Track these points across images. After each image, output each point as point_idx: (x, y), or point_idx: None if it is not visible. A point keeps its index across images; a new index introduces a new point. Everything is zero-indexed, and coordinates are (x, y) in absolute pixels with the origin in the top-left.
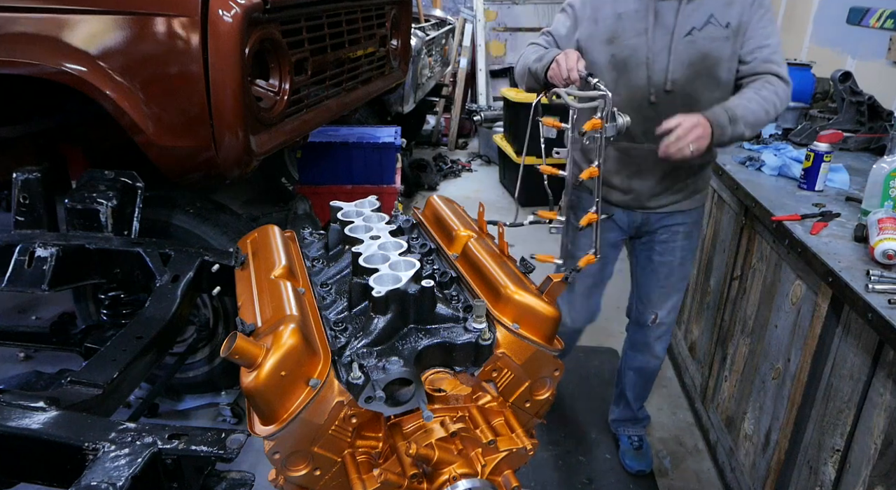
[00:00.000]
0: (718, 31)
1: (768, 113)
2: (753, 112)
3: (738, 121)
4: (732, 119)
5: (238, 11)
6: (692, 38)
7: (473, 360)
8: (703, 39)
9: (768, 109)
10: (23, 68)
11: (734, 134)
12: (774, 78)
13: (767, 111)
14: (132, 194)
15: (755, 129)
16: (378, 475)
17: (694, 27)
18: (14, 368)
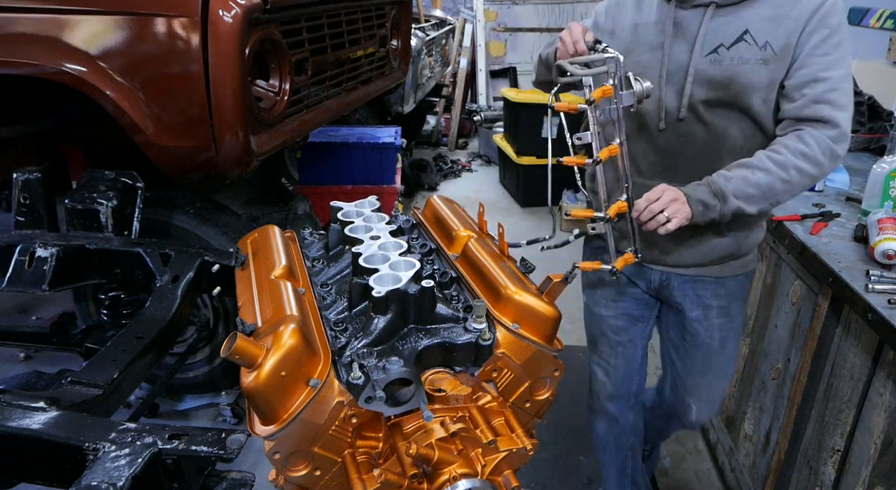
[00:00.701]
0: (752, 51)
1: (789, 183)
2: (756, 185)
3: (726, 197)
4: (718, 194)
5: (238, 12)
6: (717, 57)
7: (473, 360)
8: (731, 59)
9: (788, 178)
10: (23, 68)
11: (724, 212)
12: (820, 128)
13: (788, 180)
14: (132, 194)
15: (765, 204)
16: (378, 475)
17: (721, 44)
18: (14, 368)
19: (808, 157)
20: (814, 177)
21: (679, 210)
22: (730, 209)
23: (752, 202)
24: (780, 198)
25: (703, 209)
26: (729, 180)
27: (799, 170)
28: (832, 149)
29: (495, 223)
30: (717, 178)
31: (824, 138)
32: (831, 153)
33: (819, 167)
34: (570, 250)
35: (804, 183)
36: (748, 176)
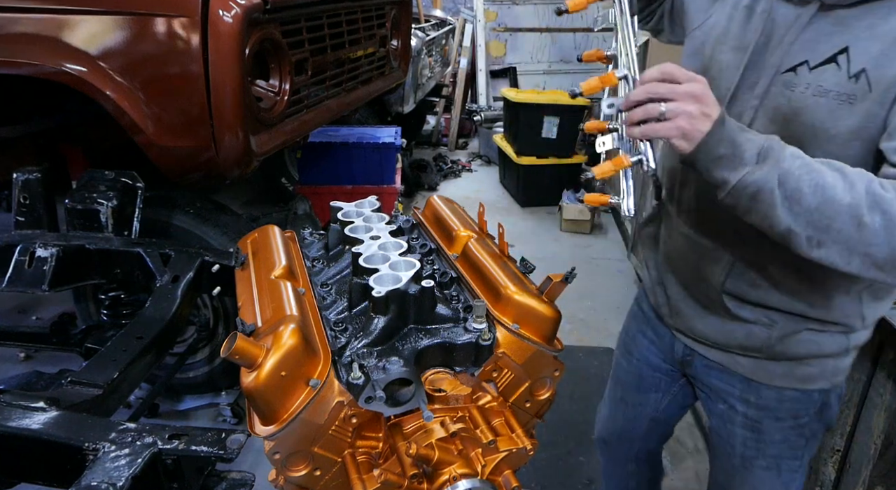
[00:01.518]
0: (837, 79)
1: (856, 222)
2: (819, 187)
3: (766, 162)
4: (762, 152)
5: (238, 12)
6: (793, 79)
7: (473, 360)
8: (807, 86)
9: (860, 215)
10: (23, 68)
11: (741, 182)
12: None
13: (857, 217)
14: (132, 194)
15: (802, 224)
16: (378, 475)
17: (806, 61)
18: (14, 368)
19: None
20: (892, 246)
21: (685, 115)
22: (752, 184)
23: (790, 203)
24: (827, 237)
25: (718, 150)
26: (793, 158)
27: (886, 219)
28: None
29: (495, 223)
30: (778, 142)
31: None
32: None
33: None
34: (571, 250)
35: (874, 245)
36: (819, 169)
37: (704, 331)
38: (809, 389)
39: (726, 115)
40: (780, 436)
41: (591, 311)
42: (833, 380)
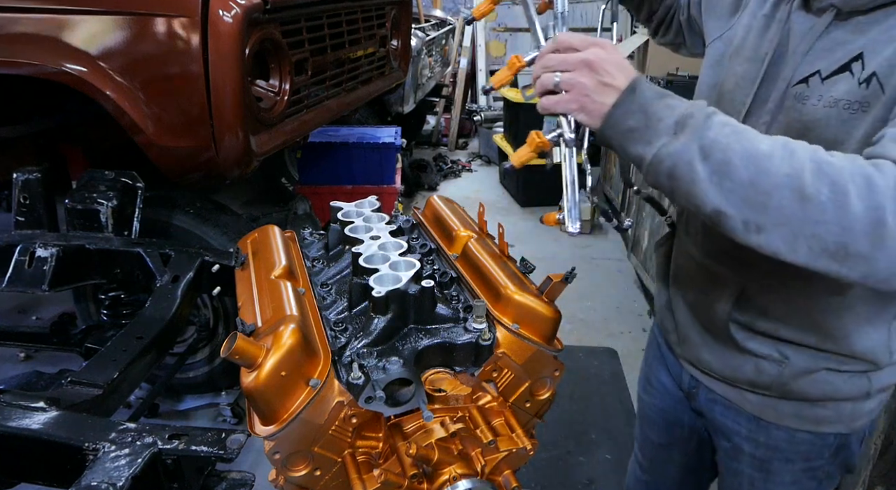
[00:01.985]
0: (850, 87)
1: (801, 192)
2: (749, 155)
3: (684, 132)
4: (680, 120)
5: (238, 12)
6: (804, 91)
7: (473, 360)
8: (819, 97)
9: (802, 187)
10: (23, 68)
11: (655, 157)
12: (885, 166)
13: (798, 188)
14: (132, 194)
15: (744, 199)
16: (378, 475)
17: (818, 71)
18: (14, 368)
19: (867, 184)
20: (843, 225)
21: (579, 86)
22: (667, 158)
23: (719, 178)
24: (766, 218)
25: (628, 122)
26: (722, 125)
27: (834, 190)
28: (883, 194)
29: (495, 223)
30: (705, 108)
31: (879, 176)
32: (876, 199)
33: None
34: (571, 250)
35: (821, 223)
36: (754, 137)
37: (711, 362)
38: (823, 432)
39: (641, 82)
40: (791, 478)
41: (591, 311)
42: (851, 424)
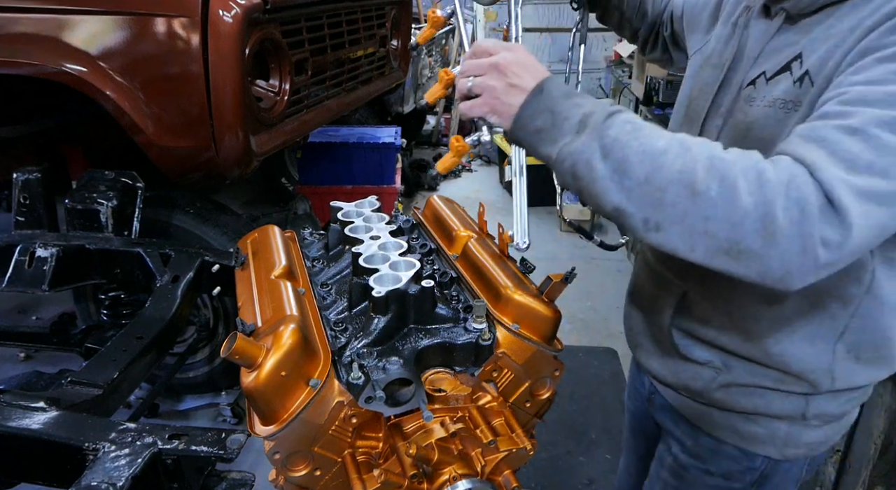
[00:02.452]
0: (786, 87)
1: (692, 187)
2: (646, 152)
3: (585, 130)
4: (584, 119)
5: (238, 12)
6: (752, 93)
7: (473, 360)
8: (763, 98)
9: (693, 182)
10: (23, 68)
11: (561, 153)
12: (781, 161)
13: (692, 185)
14: (132, 194)
15: (642, 196)
16: (378, 475)
17: (763, 72)
18: (14, 368)
19: (758, 179)
20: (733, 221)
21: (489, 89)
22: (568, 157)
23: (619, 176)
24: (663, 215)
25: (535, 122)
26: (623, 123)
27: (724, 186)
28: (771, 190)
29: (495, 223)
30: (608, 106)
31: (773, 171)
32: (790, 220)
33: (753, 215)
34: (571, 250)
35: (712, 220)
36: (652, 134)
37: (658, 368)
38: (752, 452)
39: (550, 83)
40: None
41: (591, 311)
42: (784, 450)
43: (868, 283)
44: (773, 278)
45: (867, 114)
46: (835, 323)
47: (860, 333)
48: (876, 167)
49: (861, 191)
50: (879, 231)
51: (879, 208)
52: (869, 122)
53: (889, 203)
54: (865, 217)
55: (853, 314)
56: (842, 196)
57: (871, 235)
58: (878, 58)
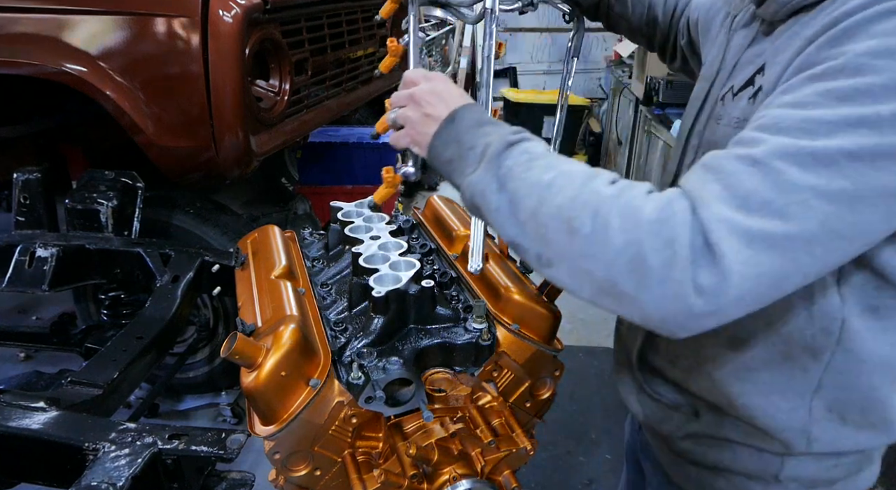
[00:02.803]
0: (745, 103)
1: (569, 224)
2: (538, 187)
3: (483, 160)
4: (485, 154)
5: (238, 12)
6: (720, 111)
7: (473, 360)
8: (728, 115)
9: (570, 219)
10: (23, 68)
11: (467, 181)
12: (661, 196)
13: (569, 221)
14: (132, 194)
15: (533, 230)
16: (378, 475)
17: (731, 87)
18: (14, 368)
19: (632, 216)
20: (606, 261)
21: (409, 121)
22: (467, 188)
23: (513, 208)
24: (550, 250)
25: (446, 152)
26: (521, 153)
27: (597, 222)
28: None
29: None
30: (510, 135)
31: (676, 232)
32: (661, 263)
33: (624, 255)
34: None
35: (589, 258)
36: (546, 164)
37: (635, 406)
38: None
39: (462, 112)
40: None
41: (592, 311)
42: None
43: (838, 334)
44: (654, 324)
45: (775, 143)
46: (807, 376)
47: (840, 391)
48: (772, 207)
49: (749, 233)
50: (775, 280)
51: (772, 253)
52: (773, 153)
53: (785, 248)
54: (752, 264)
55: (826, 369)
56: (720, 238)
57: (764, 284)
58: (808, 76)
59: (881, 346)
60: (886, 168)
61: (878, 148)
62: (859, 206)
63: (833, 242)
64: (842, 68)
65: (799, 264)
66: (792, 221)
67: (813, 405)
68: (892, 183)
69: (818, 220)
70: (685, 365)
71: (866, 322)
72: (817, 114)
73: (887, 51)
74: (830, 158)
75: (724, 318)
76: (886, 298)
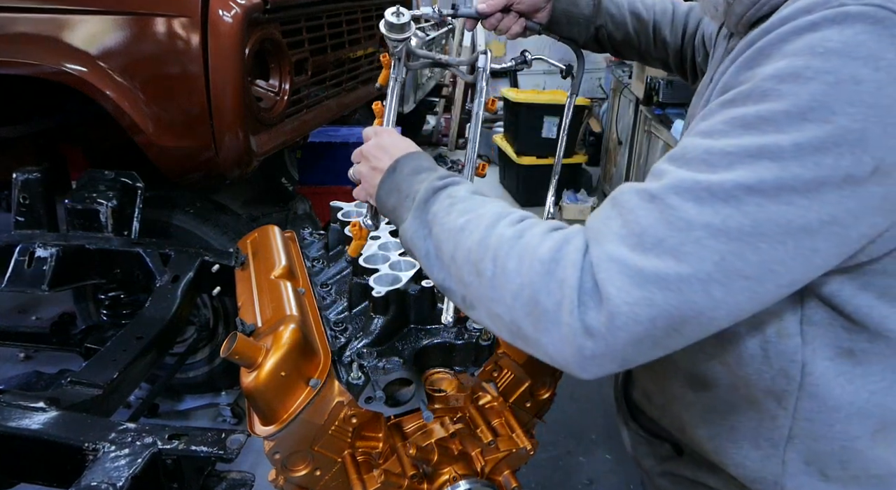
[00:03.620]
0: None
1: (476, 267)
2: (454, 231)
3: (421, 207)
4: (415, 200)
5: (238, 12)
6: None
7: (473, 360)
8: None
9: (477, 261)
10: (23, 68)
11: (401, 235)
12: (556, 235)
13: (476, 264)
14: (132, 194)
15: (454, 273)
16: (378, 475)
17: (703, 104)
18: (14, 368)
19: (528, 258)
20: (508, 305)
21: (362, 175)
22: (402, 235)
23: (438, 252)
24: (469, 292)
25: (389, 201)
26: (446, 198)
27: (497, 266)
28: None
29: None
30: (440, 180)
31: (566, 273)
32: (553, 304)
33: (521, 298)
34: None
35: (494, 302)
36: (465, 208)
37: (625, 435)
38: None
39: (402, 160)
40: None
41: None
42: None
43: (799, 378)
44: (560, 366)
45: (674, 177)
46: (776, 424)
47: (813, 441)
48: (665, 245)
49: (642, 273)
50: (672, 323)
51: (667, 294)
52: (671, 187)
53: (680, 289)
54: (643, 305)
55: (794, 416)
56: (608, 279)
57: (660, 327)
58: (721, 102)
59: (856, 393)
60: (791, 202)
61: (780, 181)
62: (761, 244)
63: (735, 283)
64: (749, 94)
65: (696, 307)
66: (685, 261)
67: (787, 457)
68: (798, 218)
69: (713, 261)
70: (658, 402)
71: (839, 366)
72: (720, 144)
73: (792, 74)
74: (728, 193)
75: (625, 361)
76: (861, 341)
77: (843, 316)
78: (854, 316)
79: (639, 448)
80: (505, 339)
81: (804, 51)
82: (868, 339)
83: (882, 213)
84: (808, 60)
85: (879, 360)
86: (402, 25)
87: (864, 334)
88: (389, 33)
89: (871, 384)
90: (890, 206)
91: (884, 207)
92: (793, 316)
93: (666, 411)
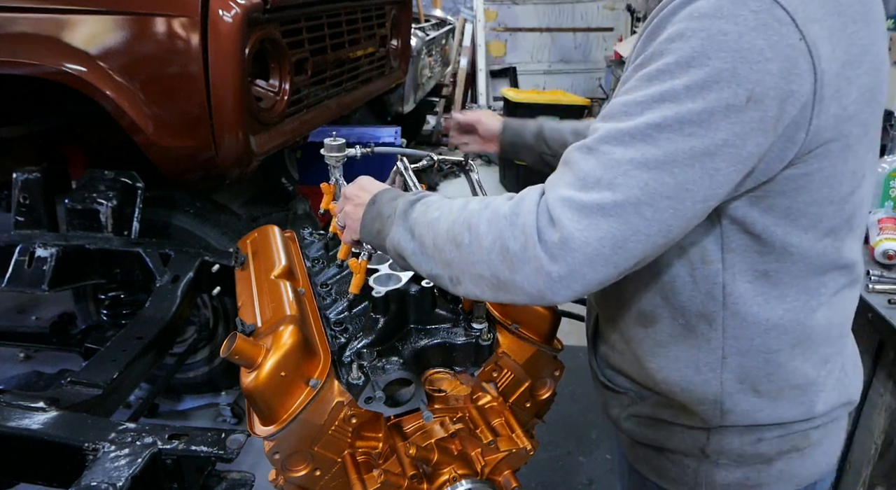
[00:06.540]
0: None
1: (455, 241)
2: (431, 224)
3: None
4: (395, 215)
5: (238, 12)
6: None
7: (473, 360)
8: None
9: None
10: (23, 68)
11: (389, 246)
12: (517, 197)
13: (454, 239)
14: (132, 194)
15: (437, 260)
16: (378, 475)
17: None
18: (14, 368)
19: (493, 219)
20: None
21: (346, 217)
22: (390, 245)
23: (422, 248)
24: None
25: (374, 227)
26: (422, 205)
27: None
28: (524, 246)
29: None
30: (416, 196)
31: (526, 219)
32: (520, 246)
33: (495, 251)
34: None
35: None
36: (436, 208)
37: (598, 396)
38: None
39: (380, 193)
40: None
41: None
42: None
43: (722, 298)
44: (534, 298)
45: (603, 130)
46: (711, 346)
47: (741, 357)
48: (602, 182)
49: (586, 206)
50: (616, 241)
51: (608, 220)
52: (602, 138)
53: (617, 214)
54: (591, 229)
55: (724, 335)
56: (560, 214)
57: (608, 246)
58: (633, 67)
59: (772, 310)
60: (692, 133)
61: (679, 116)
62: (674, 169)
63: (659, 203)
64: (650, 56)
65: (633, 226)
66: (618, 191)
67: (724, 377)
68: (700, 145)
69: (639, 187)
70: (620, 348)
71: (758, 288)
72: (633, 97)
73: (678, 35)
74: (643, 133)
75: (586, 282)
76: (772, 261)
77: (756, 239)
78: (763, 236)
79: (609, 402)
80: (490, 299)
81: (684, 17)
82: (776, 259)
83: (763, 133)
84: (687, 23)
85: (793, 280)
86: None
87: (773, 255)
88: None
89: (786, 303)
90: (768, 126)
91: (763, 128)
92: (714, 245)
93: (626, 356)
